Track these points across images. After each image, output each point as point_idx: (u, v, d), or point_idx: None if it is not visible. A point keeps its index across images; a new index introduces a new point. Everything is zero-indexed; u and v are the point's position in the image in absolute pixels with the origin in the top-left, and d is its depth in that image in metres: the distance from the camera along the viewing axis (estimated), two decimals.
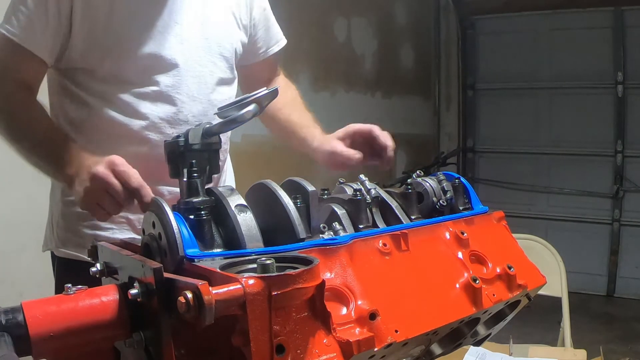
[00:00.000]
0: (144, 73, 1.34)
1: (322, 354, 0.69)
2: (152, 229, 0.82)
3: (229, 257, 0.76)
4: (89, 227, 1.39)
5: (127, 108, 1.34)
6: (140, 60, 1.33)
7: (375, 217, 0.96)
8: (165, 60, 1.35)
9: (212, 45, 1.44)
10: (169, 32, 1.36)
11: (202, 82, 1.41)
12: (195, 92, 1.39)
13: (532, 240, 2.36)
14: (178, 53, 1.37)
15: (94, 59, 1.32)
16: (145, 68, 1.34)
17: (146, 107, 1.35)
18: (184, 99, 1.38)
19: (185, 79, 1.38)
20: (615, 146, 5.42)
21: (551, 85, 5.62)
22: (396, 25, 5.54)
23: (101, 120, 1.35)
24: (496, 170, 5.91)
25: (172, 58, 1.36)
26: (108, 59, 1.31)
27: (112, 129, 1.35)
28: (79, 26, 1.29)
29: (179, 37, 1.37)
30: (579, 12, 5.41)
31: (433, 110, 6.18)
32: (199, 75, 1.40)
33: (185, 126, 1.35)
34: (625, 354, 3.80)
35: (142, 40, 1.33)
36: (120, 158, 1.11)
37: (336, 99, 4.73)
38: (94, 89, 1.34)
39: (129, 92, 1.34)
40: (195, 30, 1.41)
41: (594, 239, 5.52)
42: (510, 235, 1.08)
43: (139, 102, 1.34)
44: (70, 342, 0.71)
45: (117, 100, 1.34)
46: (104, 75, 1.33)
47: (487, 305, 0.90)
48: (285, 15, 4.16)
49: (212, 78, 1.43)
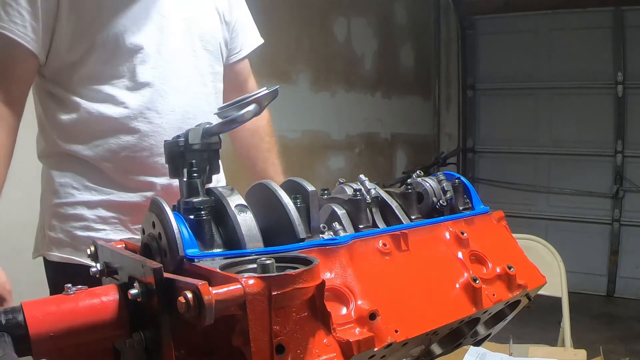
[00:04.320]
0: (129, 64, 1.36)
1: (322, 354, 0.69)
2: (152, 229, 0.82)
3: (229, 257, 0.76)
4: (82, 228, 1.39)
5: (114, 100, 1.36)
6: (126, 52, 1.35)
7: (375, 217, 0.96)
8: (148, 51, 1.38)
9: (194, 39, 1.47)
10: (153, 24, 1.39)
11: (185, 74, 1.44)
12: (178, 82, 1.43)
13: (532, 240, 2.36)
14: (161, 45, 1.40)
15: (80, 52, 1.33)
16: (129, 59, 1.36)
17: (132, 97, 1.37)
18: (168, 89, 1.40)
19: (169, 71, 1.41)
20: (615, 146, 5.42)
21: (551, 85, 5.62)
22: (396, 25, 5.54)
23: (90, 116, 1.36)
24: (496, 170, 5.91)
25: (156, 50, 1.39)
26: (94, 50, 1.33)
27: (102, 123, 1.37)
28: (65, 19, 1.30)
29: (163, 29, 1.40)
30: (579, 12, 5.41)
31: (433, 110, 6.18)
32: (182, 67, 1.44)
33: (172, 116, 1.39)
34: (625, 354, 3.80)
35: (127, 32, 1.35)
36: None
37: (336, 99, 4.73)
38: (80, 87, 1.36)
39: (114, 84, 1.36)
40: (178, 23, 1.44)
41: (594, 239, 5.52)
42: (510, 235, 1.08)
43: (125, 93, 1.37)
44: (70, 342, 0.71)
45: (103, 94, 1.36)
46: (89, 69, 1.35)
47: (487, 305, 0.90)
48: (285, 15, 4.18)
49: (196, 70, 1.47)
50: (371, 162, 5.23)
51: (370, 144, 5.20)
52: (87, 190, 1.39)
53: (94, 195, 1.39)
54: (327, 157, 4.71)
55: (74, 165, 1.40)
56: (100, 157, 1.38)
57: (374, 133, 5.27)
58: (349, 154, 4.95)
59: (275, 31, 4.01)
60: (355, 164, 4.99)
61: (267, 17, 3.91)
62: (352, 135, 4.97)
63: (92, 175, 1.40)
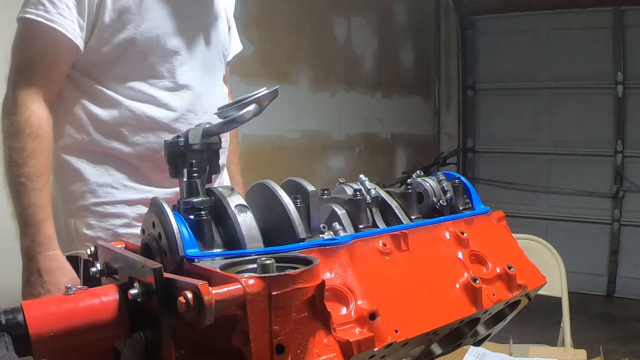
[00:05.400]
0: (168, 65, 1.43)
1: (322, 354, 0.69)
2: (152, 229, 0.82)
3: (229, 257, 0.76)
4: (124, 226, 1.43)
5: (156, 101, 1.42)
6: (166, 53, 1.43)
7: (375, 217, 0.96)
8: (185, 54, 1.45)
9: (218, 44, 1.56)
10: (188, 27, 1.46)
11: (213, 77, 1.54)
12: (208, 85, 1.52)
13: (532, 240, 2.36)
14: (195, 48, 1.47)
15: (117, 48, 1.37)
16: (169, 60, 1.43)
17: (174, 99, 1.44)
18: (202, 92, 1.48)
19: (201, 73, 1.49)
20: (615, 146, 5.41)
21: (551, 85, 5.62)
22: (396, 25, 5.54)
23: (133, 115, 1.41)
24: (496, 170, 5.90)
25: (191, 52, 1.46)
26: (132, 48, 1.38)
27: (145, 123, 1.42)
28: (107, 16, 1.35)
29: (196, 32, 1.48)
30: (579, 12, 5.41)
31: (433, 110, 6.18)
32: (210, 70, 1.53)
33: (206, 117, 1.43)
34: (625, 354, 3.80)
35: (167, 34, 1.43)
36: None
37: (336, 99, 4.73)
38: (117, 84, 1.40)
39: (153, 84, 1.42)
40: (205, 27, 1.52)
41: (594, 239, 5.52)
42: (510, 235, 1.08)
43: (166, 94, 1.43)
44: (70, 342, 0.71)
45: (144, 93, 1.41)
46: (127, 66, 1.39)
47: (487, 305, 0.90)
48: (285, 15, 4.18)
49: (219, 73, 1.57)
50: (371, 162, 5.23)
51: (370, 144, 5.20)
52: (127, 189, 1.43)
53: (133, 193, 1.43)
54: (327, 157, 4.71)
55: (113, 162, 1.43)
56: (140, 156, 1.43)
57: (374, 133, 5.27)
58: (349, 154, 4.95)
59: (275, 31, 4.01)
60: (355, 164, 4.99)
61: (267, 17, 3.92)
62: (352, 135, 4.97)
63: (131, 173, 1.44)
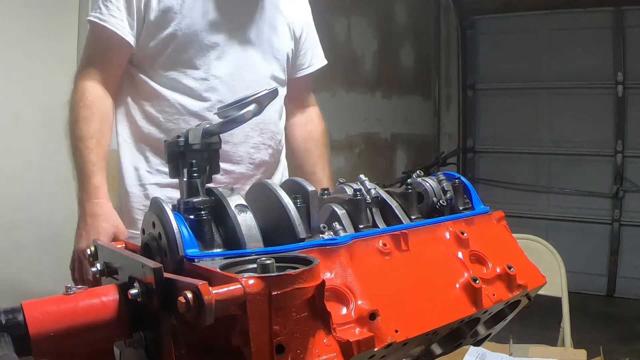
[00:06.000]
0: (205, 59, 1.53)
1: (322, 354, 0.69)
2: (152, 228, 0.82)
3: (229, 257, 0.76)
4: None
5: (191, 92, 1.52)
6: (204, 47, 1.52)
7: (375, 217, 0.96)
8: (225, 49, 1.54)
9: (264, 45, 1.63)
10: (231, 27, 1.56)
11: (252, 75, 1.60)
12: (247, 81, 1.57)
13: (532, 240, 2.36)
14: (235, 47, 1.57)
15: (160, 42, 1.50)
16: (206, 54, 1.53)
17: (208, 91, 1.53)
18: (238, 87, 1.55)
19: (239, 70, 1.57)
20: (615, 146, 5.41)
21: (551, 85, 5.62)
22: (396, 25, 5.54)
23: (168, 103, 1.52)
24: (496, 170, 5.90)
25: (230, 48, 1.56)
26: (172, 41, 1.50)
27: (180, 110, 1.52)
28: (153, 14, 1.48)
29: (238, 33, 1.57)
30: (579, 12, 5.41)
31: (433, 110, 6.17)
32: (251, 68, 1.60)
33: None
34: (625, 354, 3.79)
35: (205, 29, 1.52)
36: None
37: (336, 99, 4.72)
38: (158, 74, 1.52)
39: (189, 75, 1.52)
40: (250, 30, 1.60)
41: (594, 239, 5.51)
42: (510, 235, 1.08)
43: (201, 85, 1.52)
44: (70, 342, 0.70)
45: (179, 83, 1.52)
46: (166, 57, 1.50)
47: (487, 305, 0.90)
48: None
49: (263, 72, 1.63)
50: (371, 162, 5.23)
51: (370, 144, 5.20)
52: (159, 174, 1.53)
53: (164, 177, 1.52)
54: None
55: (151, 148, 1.55)
56: None
57: (374, 133, 5.27)
58: (349, 154, 4.94)
59: None
60: (355, 164, 4.98)
61: None
62: (352, 135, 4.97)
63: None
